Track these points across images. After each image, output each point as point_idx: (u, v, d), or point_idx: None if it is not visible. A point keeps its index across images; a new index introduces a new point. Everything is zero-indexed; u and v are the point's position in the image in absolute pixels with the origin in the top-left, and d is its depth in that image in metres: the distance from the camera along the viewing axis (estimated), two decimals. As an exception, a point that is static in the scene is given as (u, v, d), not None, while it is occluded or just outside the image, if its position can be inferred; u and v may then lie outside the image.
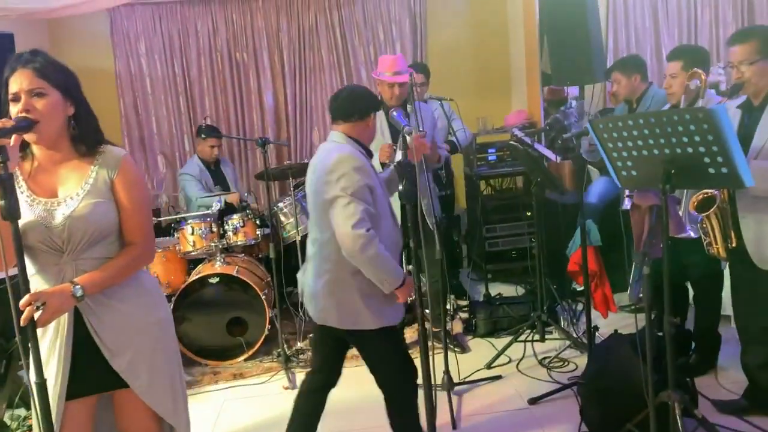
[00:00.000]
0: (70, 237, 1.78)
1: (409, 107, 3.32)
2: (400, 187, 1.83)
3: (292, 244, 4.35)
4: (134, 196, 1.89)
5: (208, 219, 4.17)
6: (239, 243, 4.19)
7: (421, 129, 3.46)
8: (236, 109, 5.94)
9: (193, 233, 4.12)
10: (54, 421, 1.82)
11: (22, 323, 1.60)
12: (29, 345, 1.62)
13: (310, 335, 3.89)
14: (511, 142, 3.80)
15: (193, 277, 3.99)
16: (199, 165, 4.73)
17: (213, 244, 4.11)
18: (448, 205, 4.61)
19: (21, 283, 1.61)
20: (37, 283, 1.82)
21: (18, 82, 1.75)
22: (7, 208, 1.57)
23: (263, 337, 3.98)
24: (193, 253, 4.15)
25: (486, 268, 5.20)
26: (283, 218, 4.40)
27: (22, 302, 1.60)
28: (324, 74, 6.01)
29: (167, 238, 4.42)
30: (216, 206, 4.11)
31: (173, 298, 3.90)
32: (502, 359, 3.67)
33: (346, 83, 6.01)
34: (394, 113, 2.07)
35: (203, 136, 4.71)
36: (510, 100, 6.25)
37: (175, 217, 4.37)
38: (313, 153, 3.34)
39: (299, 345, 4.06)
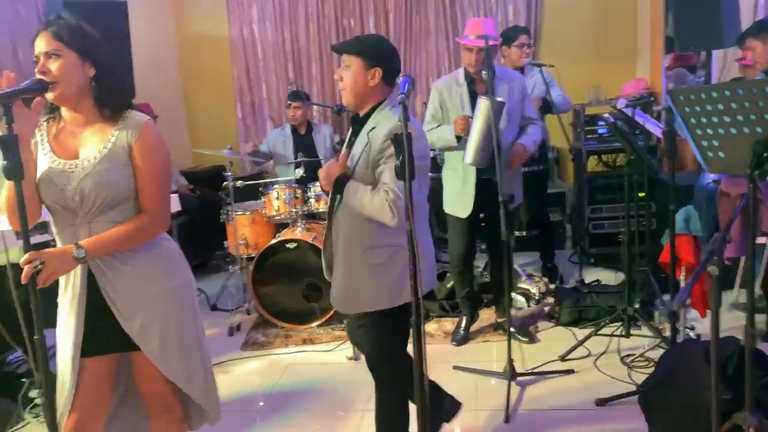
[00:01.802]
0: (83, 200, 1.81)
1: (484, 74, 3.11)
2: (397, 162, 1.65)
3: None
4: (150, 163, 1.88)
5: (293, 185, 4.21)
6: (321, 210, 4.18)
7: (499, 98, 3.23)
8: (322, 84, 5.94)
9: (278, 198, 4.18)
10: (70, 375, 1.91)
11: (22, 281, 1.66)
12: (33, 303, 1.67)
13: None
14: (605, 115, 3.40)
15: (272, 241, 4.05)
16: (283, 131, 4.79)
17: (295, 210, 4.15)
18: (540, 181, 4.27)
19: (23, 242, 1.66)
20: (59, 242, 1.90)
21: (38, 44, 1.80)
22: (9, 169, 1.61)
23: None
24: (276, 218, 4.22)
25: (589, 252, 4.82)
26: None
27: (22, 260, 1.66)
28: (430, 40, 5.81)
29: (255, 201, 4.53)
30: (298, 173, 4.14)
31: (254, 261, 4.01)
32: (580, 352, 3.37)
33: (452, 49, 5.77)
34: (400, 78, 1.88)
35: (288, 101, 4.76)
36: (635, 67, 5.67)
37: (262, 181, 4.47)
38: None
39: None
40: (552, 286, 4.32)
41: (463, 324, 3.72)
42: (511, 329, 3.54)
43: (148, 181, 1.88)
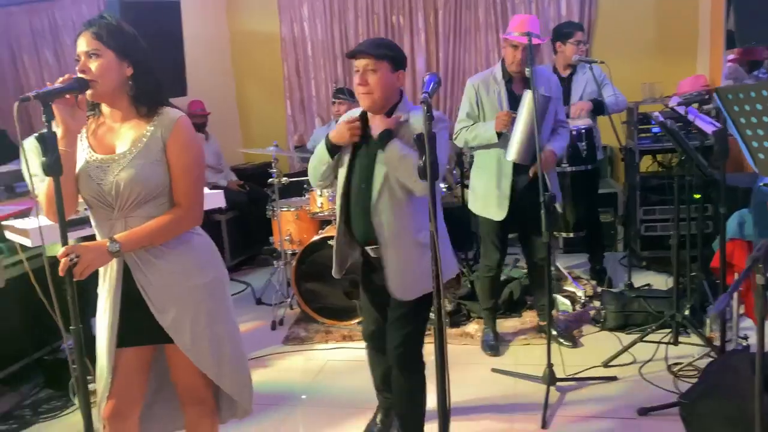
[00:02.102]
0: (117, 195, 1.86)
1: (528, 71, 3.04)
2: (420, 163, 1.63)
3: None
4: (183, 158, 1.92)
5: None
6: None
7: (546, 94, 3.15)
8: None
9: (321, 195, 4.21)
10: (107, 364, 1.98)
11: (59, 273, 1.72)
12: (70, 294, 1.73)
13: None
14: (654, 113, 3.27)
15: (315, 237, 4.08)
16: (329, 128, 4.80)
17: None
18: (588, 181, 4.15)
19: (60, 235, 1.72)
20: (97, 236, 1.96)
21: (79, 43, 1.85)
22: (48, 164, 1.68)
23: (375, 303, 3.96)
24: (319, 215, 4.25)
25: (640, 255, 4.66)
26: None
27: (59, 253, 1.72)
28: (479, 35, 5.73)
29: (300, 198, 4.58)
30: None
31: (296, 256, 4.06)
32: (625, 358, 3.26)
33: (502, 45, 5.67)
34: (426, 77, 1.85)
35: (332, 98, 4.79)
36: (694, 63, 5.44)
37: (306, 178, 4.49)
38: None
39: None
40: (600, 290, 4.20)
41: (492, 334, 3.62)
42: (553, 333, 3.51)
43: (181, 176, 1.92)
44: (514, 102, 3.30)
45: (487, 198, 3.41)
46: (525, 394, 3.03)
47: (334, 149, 2.33)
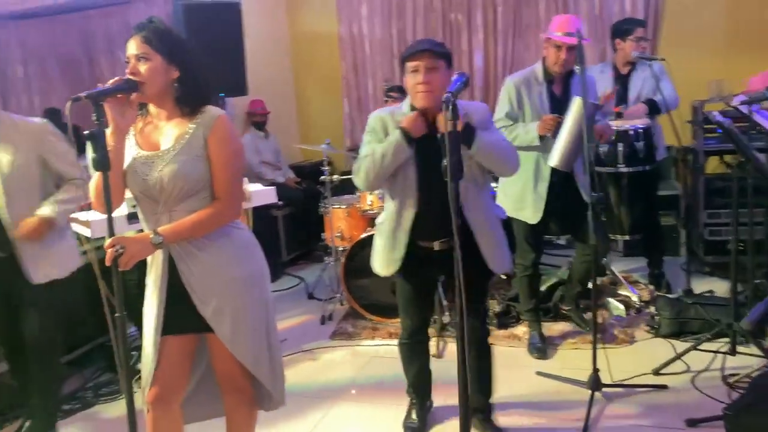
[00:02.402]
0: (162, 189, 1.95)
1: (577, 69, 2.97)
2: (444, 162, 1.63)
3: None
4: (223, 154, 1.99)
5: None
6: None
7: (594, 101, 3.10)
8: (446, 70, 5.90)
9: (371, 193, 4.25)
10: (152, 351, 2.08)
11: (106, 263, 1.83)
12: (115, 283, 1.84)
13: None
14: (713, 112, 3.14)
15: (363, 235, 4.13)
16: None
17: (388, 204, 4.19)
18: (646, 182, 4.01)
19: (107, 228, 1.82)
20: (145, 229, 2.06)
21: (129, 47, 1.95)
22: (98, 160, 1.78)
23: (425, 301, 3.97)
24: (369, 212, 4.29)
25: (704, 260, 4.48)
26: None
27: (105, 245, 1.83)
28: (540, 32, 5.61)
29: (351, 195, 4.64)
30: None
31: (345, 253, 4.12)
32: (678, 367, 3.14)
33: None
34: (454, 76, 1.84)
35: (384, 97, 4.82)
36: (769, 60, 5.15)
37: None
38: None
39: (461, 315, 3.98)
40: (656, 295, 4.06)
41: (538, 337, 3.56)
42: (601, 337, 3.44)
43: (220, 171, 1.99)
44: (555, 103, 3.24)
45: (522, 200, 3.35)
46: (569, 399, 2.97)
47: (411, 141, 2.34)
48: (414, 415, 2.81)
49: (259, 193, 3.64)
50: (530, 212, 3.32)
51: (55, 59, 6.89)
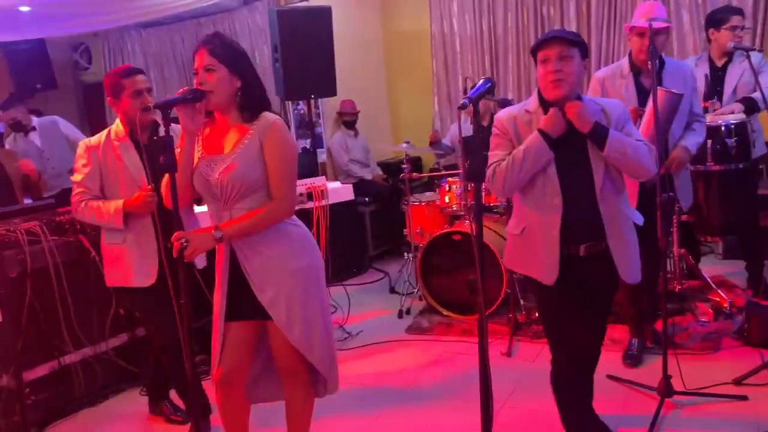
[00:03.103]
0: (222, 189, 2.14)
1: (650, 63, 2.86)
2: (468, 164, 1.67)
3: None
4: (277, 157, 2.14)
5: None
6: (491, 204, 4.21)
7: (676, 91, 2.96)
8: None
9: (449, 190, 4.31)
10: (218, 335, 2.28)
11: (173, 254, 2.04)
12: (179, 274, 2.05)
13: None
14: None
15: (440, 232, 4.19)
16: (465, 124, 4.85)
17: (465, 202, 4.24)
18: (741, 181, 3.74)
19: (175, 222, 2.03)
20: (211, 224, 2.26)
21: (197, 59, 2.15)
22: (166, 163, 1.99)
23: (499, 300, 3.98)
24: (447, 210, 4.35)
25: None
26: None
27: (172, 238, 2.04)
28: (635, 24, 5.38)
29: (432, 192, 4.71)
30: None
31: (421, 250, 4.21)
32: (764, 378, 2.95)
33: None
34: (480, 81, 1.85)
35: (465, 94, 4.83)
36: None
37: (436, 174, 4.64)
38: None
39: (537, 315, 3.95)
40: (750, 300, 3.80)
41: (636, 344, 3.39)
42: (680, 342, 3.31)
43: (274, 173, 2.15)
44: (644, 96, 3.12)
45: None
46: (638, 405, 2.89)
47: (551, 142, 2.18)
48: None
49: (337, 190, 3.81)
50: None
51: (174, 63, 7.50)
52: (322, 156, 5.93)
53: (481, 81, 1.85)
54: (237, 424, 2.40)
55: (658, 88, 2.86)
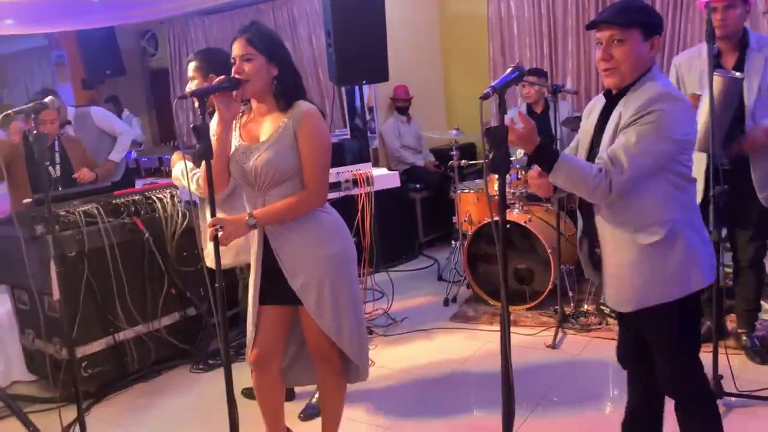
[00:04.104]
0: (256, 176, 2.18)
1: (714, 47, 2.70)
2: (491, 155, 1.62)
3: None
4: (309, 146, 2.16)
5: (517, 165, 4.21)
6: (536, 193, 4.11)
7: (737, 74, 2.79)
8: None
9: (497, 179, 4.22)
10: (252, 318, 2.34)
11: (208, 239, 2.10)
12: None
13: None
14: None
15: (487, 220, 4.13)
16: (517, 110, 4.74)
17: (514, 191, 4.16)
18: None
19: (210, 208, 2.08)
20: (246, 209, 2.31)
21: (235, 48, 2.18)
22: (201, 150, 2.04)
23: (547, 290, 3.90)
24: (495, 198, 4.26)
25: None
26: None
27: (207, 224, 2.09)
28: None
29: (481, 180, 4.64)
30: (519, 153, 4.11)
31: (468, 238, 4.17)
32: (826, 384, 2.78)
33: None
34: (508, 69, 1.78)
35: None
36: None
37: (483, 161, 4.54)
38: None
39: (585, 307, 3.85)
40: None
41: (704, 329, 3.29)
42: (745, 342, 3.19)
43: (307, 162, 2.16)
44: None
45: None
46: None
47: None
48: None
49: (383, 177, 3.80)
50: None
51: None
52: (374, 142, 5.94)
53: (509, 70, 1.80)
54: (272, 404, 2.46)
55: (717, 72, 2.70)
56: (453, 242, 4.73)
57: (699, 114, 2.83)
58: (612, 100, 1.97)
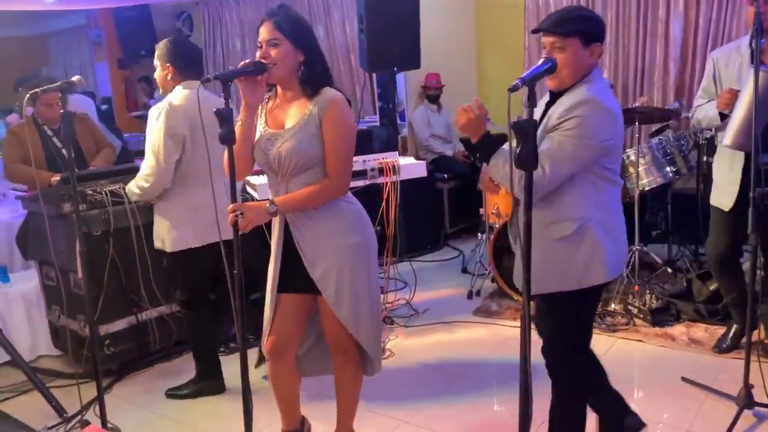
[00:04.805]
0: (280, 163, 2.14)
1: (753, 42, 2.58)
2: (518, 149, 1.56)
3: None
4: (334, 135, 2.12)
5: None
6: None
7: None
8: (638, 41, 5.43)
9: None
10: (270, 305, 2.32)
11: (228, 224, 2.07)
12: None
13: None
14: None
15: (506, 217, 4.05)
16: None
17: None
18: None
19: (230, 194, 2.06)
20: (270, 197, 2.28)
21: (262, 32, 2.14)
22: (224, 135, 2.01)
23: (573, 287, 3.81)
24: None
25: None
26: (630, 169, 4.00)
27: (228, 209, 2.07)
28: (752, -3, 4.89)
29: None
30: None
31: (495, 231, 4.10)
32: None
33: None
34: (540, 61, 1.71)
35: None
36: None
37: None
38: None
39: (613, 307, 3.76)
40: None
41: (732, 332, 3.24)
42: None
43: (331, 150, 2.12)
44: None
45: (721, 185, 3.06)
46: (712, 412, 2.69)
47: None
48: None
49: (409, 167, 3.75)
50: (726, 198, 3.01)
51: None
52: (404, 130, 5.88)
53: (541, 61, 1.74)
54: (288, 392, 2.45)
55: (761, 69, 2.58)
56: (479, 234, 4.66)
57: (736, 109, 2.71)
58: (554, 98, 2.10)
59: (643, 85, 5.44)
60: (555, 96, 2.09)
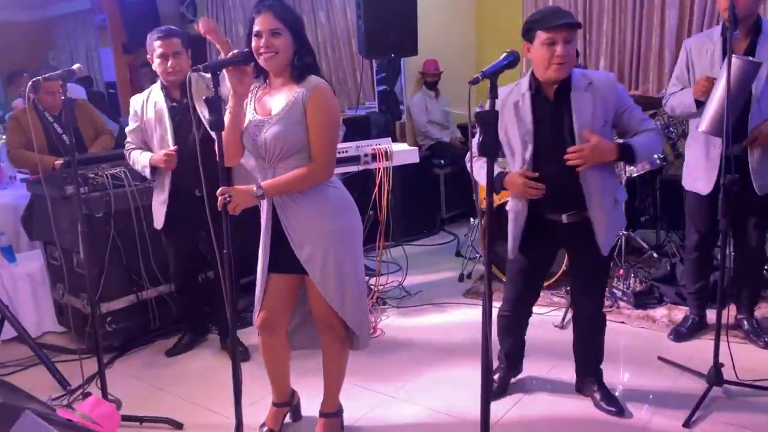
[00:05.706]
0: (266, 149, 2.25)
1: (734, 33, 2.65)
2: (480, 138, 1.66)
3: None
4: (318, 121, 2.21)
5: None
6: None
7: (755, 59, 2.74)
8: (633, 29, 5.47)
9: (520, 157, 4.23)
10: (261, 283, 2.45)
11: (218, 207, 2.19)
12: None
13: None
14: None
15: (505, 198, 4.14)
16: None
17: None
18: None
19: (221, 178, 2.17)
20: (257, 180, 2.39)
21: (261, 22, 2.19)
22: (213, 122, 2.12)
23: (561, 271, 3.92)
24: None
25: None
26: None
27: (218, 192, 2.18)
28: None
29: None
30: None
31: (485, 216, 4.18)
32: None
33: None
34: (502, 54, 1.80)
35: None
36: None
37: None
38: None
39: (598, 289, 3.86)
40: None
41: (689, 323, 3.36)
42: (747, 329, 3.23)
43: (315, 136, 2.22)
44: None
45: (696, 169, 3.14)
46: (683, 390, 2.80)
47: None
48: (496, 377, 2.89)
49: (402, 153, 3.86)
50: (702, 182, 3.09)
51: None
52: (402, 116, 5.96)
53: (503, 55, 1.83)
54: (278, 365, 2.59)
55: (734, 56, 2.66)
56: (471, 219, 4.76)
57: (711, 98, 2.79)
58: (537, 90, 2.44)
59: (639, 73, 5.50)
60: (560, 88, 2.40)
